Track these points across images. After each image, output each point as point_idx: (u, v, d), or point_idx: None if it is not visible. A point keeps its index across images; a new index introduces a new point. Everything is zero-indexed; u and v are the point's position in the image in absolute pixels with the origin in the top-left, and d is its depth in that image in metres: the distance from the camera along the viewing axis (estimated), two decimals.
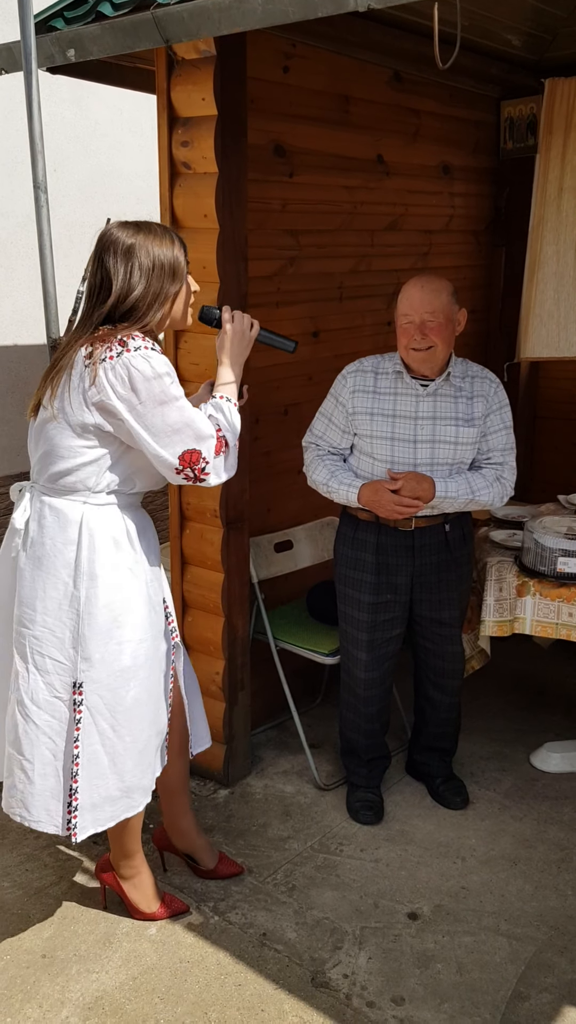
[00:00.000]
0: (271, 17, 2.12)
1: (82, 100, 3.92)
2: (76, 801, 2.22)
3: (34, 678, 2.21)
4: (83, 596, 2.17)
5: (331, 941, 2.47)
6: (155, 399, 2.06)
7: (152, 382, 2.05)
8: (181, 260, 2.17)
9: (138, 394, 2.05)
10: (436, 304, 2.58)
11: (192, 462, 2.11)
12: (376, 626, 2.84)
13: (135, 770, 2.28)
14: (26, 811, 2.24)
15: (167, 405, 2.07)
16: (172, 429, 2.08)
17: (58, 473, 2.17)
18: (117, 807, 2.28)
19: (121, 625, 2.20)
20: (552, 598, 2.93)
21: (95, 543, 2.17)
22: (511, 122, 4.15)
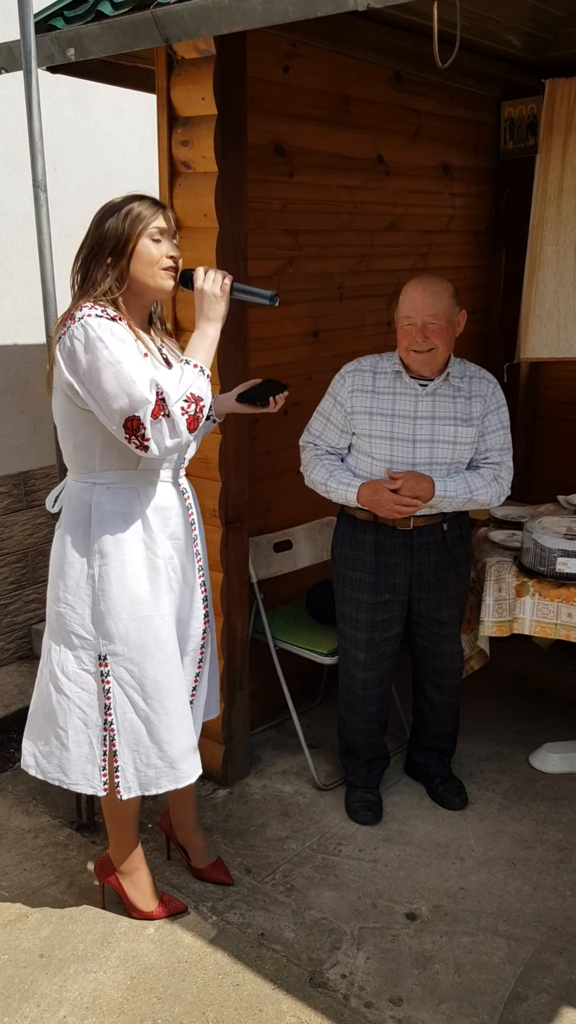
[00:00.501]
0: (271, 16, 2.11)
1: (82, 99, 3.91)
2: (117, 763, 2.31)
3: (64, 652, 2.29)
4: (96, 574, 2.22)
5: (329, 941, 2.47)
6: (93, 366, 2.02)
7: (89, 348, 2.02)
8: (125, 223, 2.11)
9: (80, 364, 2.04)
10: (438, 307, 2.58)
11: (134, 429, 2.03)
12: (374, 626, 2.84)
13: (175, 743, 2.31)
14: (64, 775, 2.34)
15: (103, 371, 2.01)
16: (111, 395, 2.01)
17: (67, 455, 2.25)
18: (161, 775, 2.33)
19: (136, 601, 2.23)
20: (551, 598, 2.93)
21: (104, 521, 2.20)
22: (511, 122, 4.15)
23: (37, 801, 3.06)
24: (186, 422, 2.05)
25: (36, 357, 3.85)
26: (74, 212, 3.92)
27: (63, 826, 2.93)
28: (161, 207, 2.18)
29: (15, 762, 3.31)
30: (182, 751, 2.33)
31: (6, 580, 3.92)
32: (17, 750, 3.39)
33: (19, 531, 3.93)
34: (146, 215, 2.14)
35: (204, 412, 2.10)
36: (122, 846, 2.49)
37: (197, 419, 2.08)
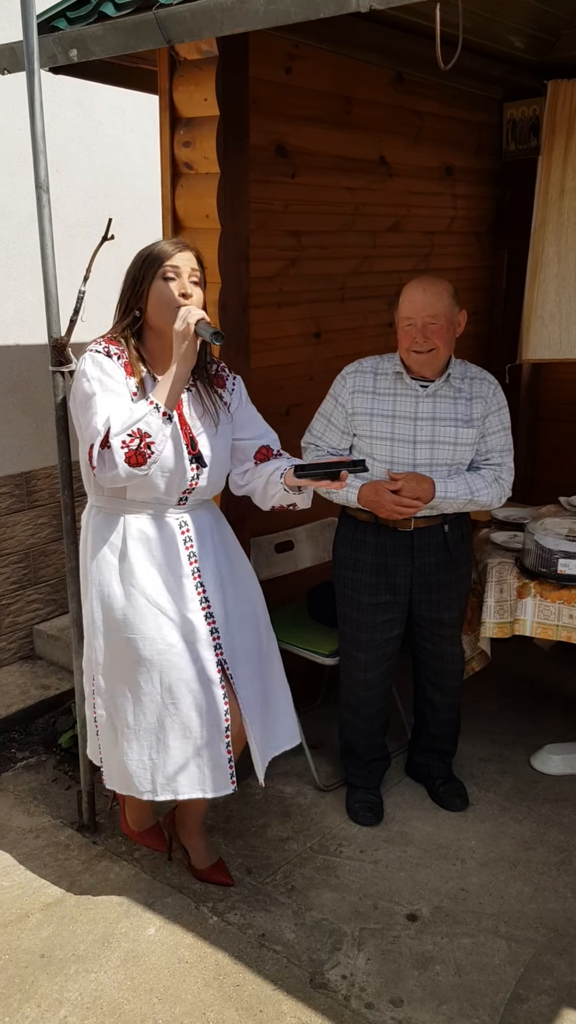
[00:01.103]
0: (273, 18, 2.12)
1: (84, 100, 3.91)
2: (100, 755, 2.52)
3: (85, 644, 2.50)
4: (83, 589, 2.44)
5: (330, 942, 2.47)
6: (76, 396, 2.22)
7: (77, 381, 2.22)
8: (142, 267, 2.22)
9: (72, 392, 2.26)
10: (438, 307, 2.58)
11: (91, 458, 2.16)
12: (375, 627, 2.84)
13: (131, 755, 2.37)
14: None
15: (80, 404, 2.20)
16: (82, 425, 2.20)
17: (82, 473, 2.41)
18: (124, 781, 2.43)
19: (105, 622, 2.35)
20: (553, 600, 2.93)
21: (92, 543, 2.36)
22: (513, 124, 4.15)
23: (38, 801, 3.07)
24: (125, 456, 2.10)
25: (38, 358, 3.85)
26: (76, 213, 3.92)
27: (64, 826, 2.93)
28: (183, 248, 2.24)
29: (16, 762, 3.31)
30: (136, 767, 2.37)
31: (8, 580, 3.93)
32: (19, 750, 3.39)
33: (21, 531, 3.93)
34: (160, 256, 2.21)
35: (152, 449, 2.12)
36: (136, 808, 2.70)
37: (141, 454, 2.11)
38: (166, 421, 2.14)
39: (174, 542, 2.34)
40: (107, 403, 2.15)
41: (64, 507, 2.69)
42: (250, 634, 2.48)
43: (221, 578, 2.43)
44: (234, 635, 2.43)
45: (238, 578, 2.50)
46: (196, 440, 2.31)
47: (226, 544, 2.49)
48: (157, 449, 2.13)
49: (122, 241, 2.83)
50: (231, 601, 2.44)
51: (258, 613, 2.54)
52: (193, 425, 2.32)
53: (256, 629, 2.51)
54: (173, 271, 2.22)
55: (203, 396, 2.36)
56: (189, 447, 2.28)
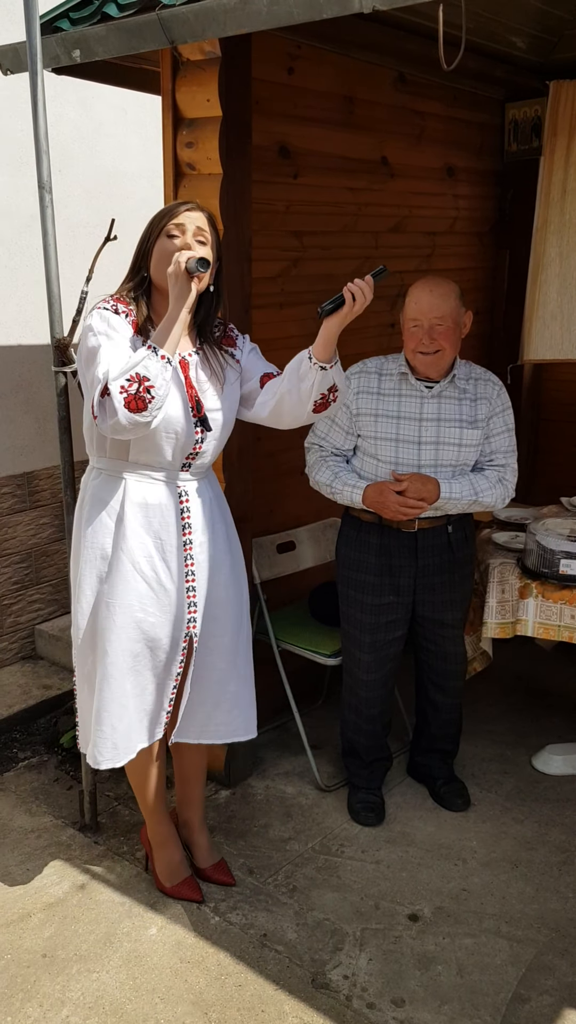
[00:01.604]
0: (276, 18, 2.12)
1: (87, 101, 3.92)
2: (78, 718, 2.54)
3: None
4: (74, 553, 2.41)
5: (332, 942, 2.47)
6: (82, 351, 2.20)
7: (84, 335, 2.19)
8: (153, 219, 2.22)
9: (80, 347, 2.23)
10: (445, 309, 2.58)
11: (92, 408, 2.12)
12: (378, 627, 2.84)
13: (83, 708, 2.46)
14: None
15: (86, 359, 2.16)
16: (86, 382, 2.18)
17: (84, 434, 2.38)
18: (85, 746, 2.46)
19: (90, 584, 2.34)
20: (554, 600, 2.93)
21: (87, 504, 2.34)
22: (515, 124, 4.15)
23: (40, 801, 3.07)
24: (124, 400, 2.04)
25: (41, 358, 3.86)
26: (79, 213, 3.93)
27: (66, 826, 2.93)
28: (193, 208, 2.22)
29: (18, 762, 3.31)
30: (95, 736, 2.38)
31: (9, 580, 3.93)
32: (20, 750, 3.40)
33: (22, 531, 3.93)
34: (165, 214, 2.21)
35: (153, 393, 2.06)
36: (146, 815, 2.61)
37: (141, 399, 2.05)
38: (165, 364, 2.09)
39: (171, 511, 2.32)
40: (110, 354, 2.11)
41: (66, 507, 2.69)
42: (233, 618, 2.47)
43: (215, 555, 2.41)
44: (215, 615, 2.43)
45: (235, 560, 2.48)
46: (201, 403, 2.28)
47: (226, 524, 2.48)
48: (158, 393, 2.07)
49: (124, 242, 2.83)
50: (217, 581, 2.42)
51: (242, 598, 2.52)
52: (200, 388, 2.29)
53: (239, 615, 2.50)
54: (177, 228, 2.18)
55: (210, 358, 2.33)
56: (195, 410, 2.26)
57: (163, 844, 2.63)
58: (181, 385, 2.25)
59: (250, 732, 2.58)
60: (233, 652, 2.49)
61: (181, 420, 2.24)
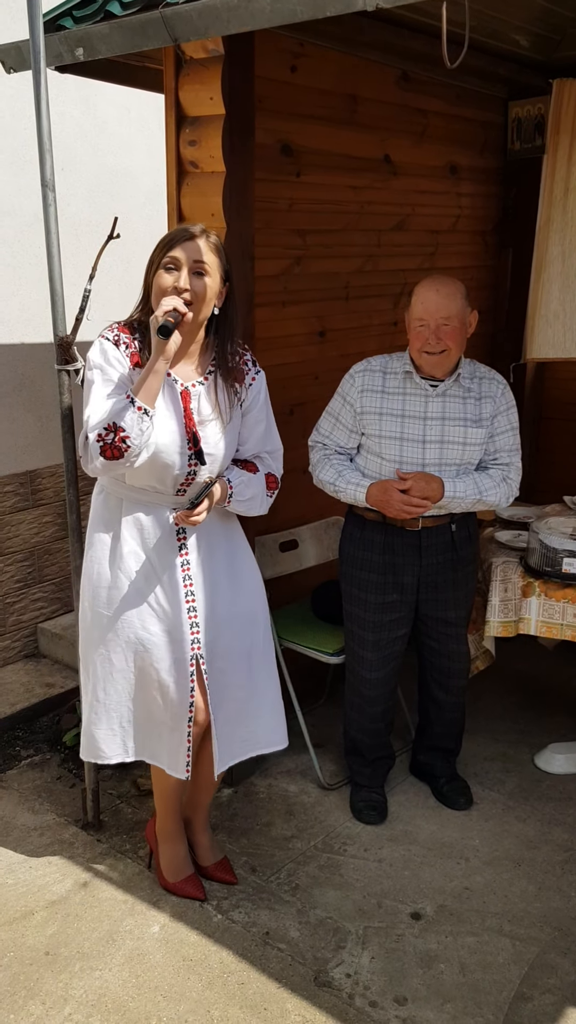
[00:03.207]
0: (279, 16, 2.12)
1: (90, 99, 3.91)
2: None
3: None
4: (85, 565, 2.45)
5: (334, 940, 2.47)
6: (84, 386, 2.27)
7: (86, 368, 2.27)
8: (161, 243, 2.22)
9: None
10: (452, 309, 2.57)
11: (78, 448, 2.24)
12: (382, 626, 2.84)
13: (100, 725, 2.45)
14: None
15: (84, 392, 2.24)
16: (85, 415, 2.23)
17: None
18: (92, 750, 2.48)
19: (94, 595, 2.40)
20: (557, 599, 2.93)
21: (93, 522, 2.42)
22: (519, 122, 4.14)
23: (43, 799, 3.07)
24: (99, 449, 2.13)
25: (44, 356, 3.86)
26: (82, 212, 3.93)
27: (69, 824, 2.94)
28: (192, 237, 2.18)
29: (21, 760, 3.32)
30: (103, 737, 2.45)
31: (12, 579, 3.93)
32: (23, 748, 3.40)
33: (25, 530, 3.93)
34: (164, 243, 2.21)
35: (129, 443, 2.12)
36: (160, 808, 2.62)
37: (116, 448, 2.13)
38: (142, 416, 2.13)
39: (166, 532, 2.34)
40: (101, 395, 2.20)
41: (69, 505, 2.69)
42: (241, 633, 2.45)
43: (215, 574, 2.40)
44: (221, 632, 2.41)
45: (238, 576, 2.47)
46: (198, 436, 2.27)
47: (230, 540, 2.47)
48: (133, 443, 2.12)
49: (127, 240, 2.83)
50: (224, 598, 2.42)
51: (256, 612, 2.50)
52: (200, 420, 2.29)
53: (251, 629, 2.48)
54: (172, 262, 2.18)
55: (217, 390, 2.32)
56: (191, 443, 2.26)
57: (170, 839, 2.63)
58: (180, 416, 2.26)
59: (280, 743, 2.59)
60: (247, 668, 2.47)
61: (175, 452, 2.25)
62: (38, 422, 3.90)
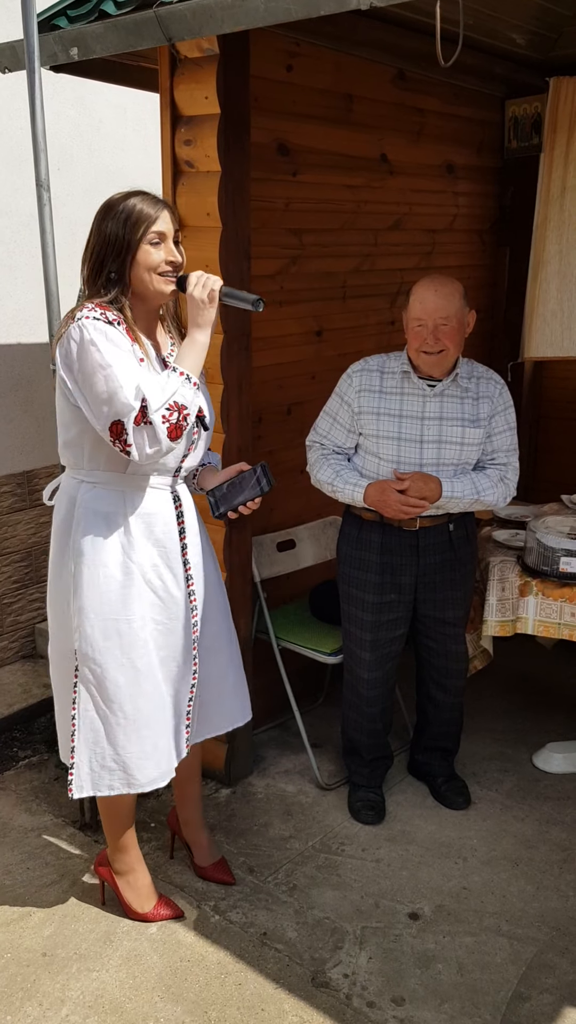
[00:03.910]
0: (274, 15, 2.11)
1: (85, 99, 3.91)
2: (73, 760, 2.31)
3: (55, 637, 2.36)
4: (72, 570, 2.24)
5: (332, 941, 2.46)
6: (85, 368, 2.05)
7: (83, 351, 2.04)
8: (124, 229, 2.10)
9: (72, 365, 2.07)
10: (450, 309, 2.57)
11: (117, 434, 2.05)
12: (380, 626, 2.83)
13: (129, 748, 2.30)
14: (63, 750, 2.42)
15: (94, 374, 2.04)
16: (100, 399, 2.05)
17: (60, 449, 2.27)
18: (115, 779, 2.32)
19: (105, 604, 2.22)
20: (555, 598, 2.93)
21: (85, 520, 2.21)
22: (515, 121, 4.14)
23: (40, 800, 3.07)
24: (167, 430, 2.06)
25: (39, 356, 3.85)
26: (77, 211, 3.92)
27: (66, 825, 2.93)
28: (163, 206, 2.15)
29: (18, 761, 3.31)
30: (137, 758, 2.30)
31: (9, 579, 3.93)
32: (20, 749, 3.40)
33: (22, 530, 3.93)
34: (145, 219, 2.12)
35: (188, 420, 2.10)
36: (118, 846, 2.48)
37: (180, 427, 2.08)
38: (196, 391, 2.13)
39: (170, 517, 2.30)
40: (129, 374, 2.04)
41: None
42: (223, 615, 2.48)
43: (204, 556, 2.40)
44: (209, 614, 2.42)
45: (212, 555, 2.48)
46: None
47: (201, 522, 2.46)
48: (190, 420, 2.12)
49: None
50: (211, 580, 2.43)
51: (223, 588, 2.53)
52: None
53: (225, 606, 2.50)
54: (159, 237, 2.14)
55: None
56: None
57: (132, 871, 2.52)
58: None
59: (247, 715, 2.58)
60: (229, 645, 2.50)
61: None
62: (35, 422, 3.89)
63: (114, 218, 2.12)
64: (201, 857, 2.68)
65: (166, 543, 2.29)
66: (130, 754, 2.30)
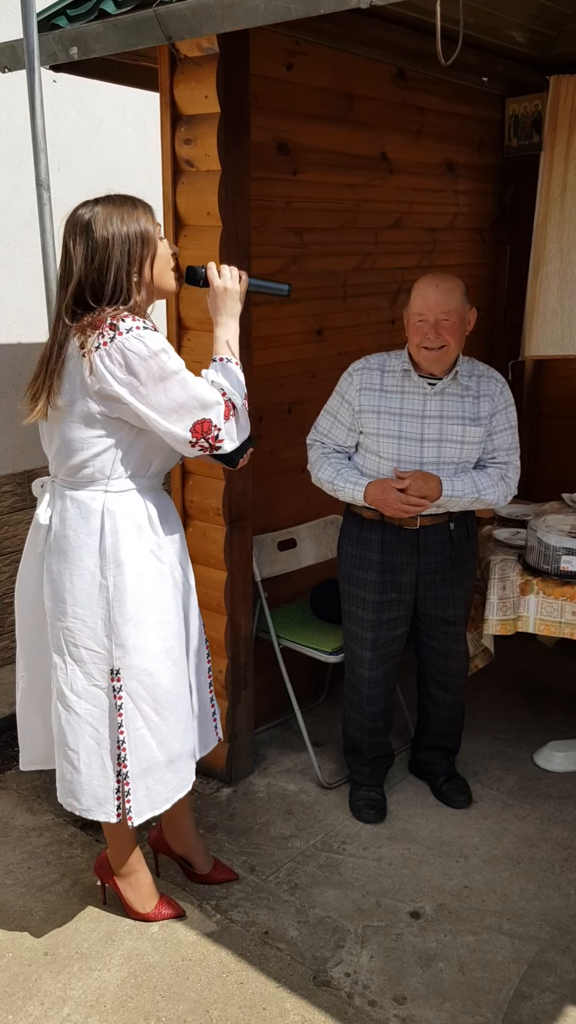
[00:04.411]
0: (273, 14, 2.11)
1: (85, 98, 3.91)
2: (128, 786, 2.25)
3: (72, 669, 2.23)
4: (111, 584, 2.17)
5: (333, 940, 2.47)
6: (155, 378, 2.03)
7: (149, 361, 2.02)
8: (146, 226, 2.10)
9: (138, 376, 2.03)
10: (451, 304, 2.57)
11: (204, 432, 2.07)
12: (381, 625, 2.83)
13: (181, 747, 2.31)
14: (76, 800, 2.29)
15: (168, 381, 2.04)
16: (178, 404, 2.05)
17: (75, 466, 2.17)
18: (170, 788, 2.32)
19: (152, 608, 2.21)
20: (555, 597, 2.93)
21: (118, 530, 2.17)
22: (516, 119, 4.14)
23: (41, 799, 3.07)
24: (247, 415, 2.16)
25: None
26: None
27: (67, 824, 2.93)
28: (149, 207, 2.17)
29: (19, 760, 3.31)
30: (185, 753, 2.34)
31: (10, 579, 3.93)
32: None
33: (23, 530, 3.93)
34: (152, 230, 2.12)
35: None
36: (119, 849, 2.48)
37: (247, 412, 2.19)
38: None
39: (175, 511, 2.34)
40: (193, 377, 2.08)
41: None
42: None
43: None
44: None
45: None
46: None
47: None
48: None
49: None
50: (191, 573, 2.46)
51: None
52: None
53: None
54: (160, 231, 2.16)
55: None
56: None
57: (133, 871, 2.51)
58: None
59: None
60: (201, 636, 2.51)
61: None
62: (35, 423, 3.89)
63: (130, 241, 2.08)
64: (202, 864, 2.66)
65: (178, 539, 2.31)
66: (180, 755, 2.31)
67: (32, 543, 2.32)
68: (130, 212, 2.09)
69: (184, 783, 2.35)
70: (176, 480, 2.99)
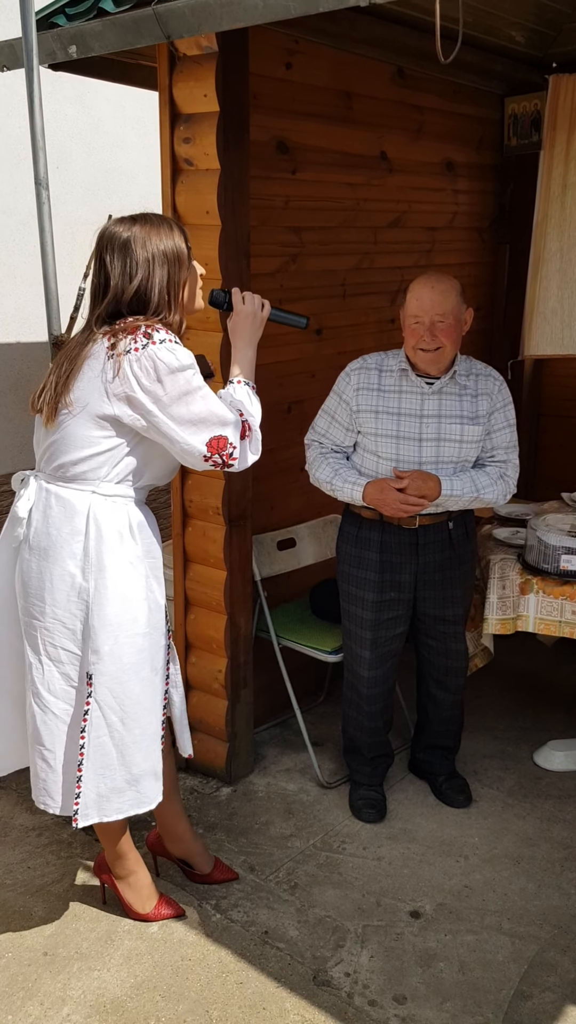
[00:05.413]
0: (272, 12, 2.11)
1: (84, 97, 3.91)
2: (79, 789, 2.23)
3: (48, 669, 2.22)
4: (92, 588, 2.16)
5: (333, 939, 2.46)
6: (180, 390, 2.08)
7: (177, 375, 2.07)
8: (182, 246, 2.17)
9: (164, 386, 2.06)
10: (447, 305, 2.57)
11: (220, 448, 2.13)
12: (380, 624, 2.83)
13: (144, 763, 2.28)
14: (51, 799, 2.28)
15: (191, 395, 2.09)
16: (198, 418, 2.10)
17: (70, 462, 2.16)
18: (124, 800, 2.27)
19: (129, 618, 2.20)
20: (555, 596, 2.93)
21: (102, 534, 2.16)
22: (515, 118, 4.14)
23: None
24: (259, 439, 2.23)
25: (39, 355, 3.85)
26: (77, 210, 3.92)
27: (67, 824, 2.93)
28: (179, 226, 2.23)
29: None
30: (148, 771, 2.29)
31: None
32: None
33: None
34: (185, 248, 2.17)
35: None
36: (116, 852, 2.47)
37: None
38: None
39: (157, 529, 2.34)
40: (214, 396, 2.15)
41: None
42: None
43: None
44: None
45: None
46: None
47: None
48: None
49: None
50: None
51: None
52: None
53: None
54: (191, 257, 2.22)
55: None
56: None
57: (132, 873, 2.50)
58: None
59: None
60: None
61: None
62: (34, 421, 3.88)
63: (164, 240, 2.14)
64: (202, 864, 2.65)
65: (156, 553, 2.30)
66: (144, 771, 2.28)
67: (7, 537, 2.28)
68: (168, 233, 2.15)
69: (144, 800, 2.29)
70: (176, 479, 2.99)
